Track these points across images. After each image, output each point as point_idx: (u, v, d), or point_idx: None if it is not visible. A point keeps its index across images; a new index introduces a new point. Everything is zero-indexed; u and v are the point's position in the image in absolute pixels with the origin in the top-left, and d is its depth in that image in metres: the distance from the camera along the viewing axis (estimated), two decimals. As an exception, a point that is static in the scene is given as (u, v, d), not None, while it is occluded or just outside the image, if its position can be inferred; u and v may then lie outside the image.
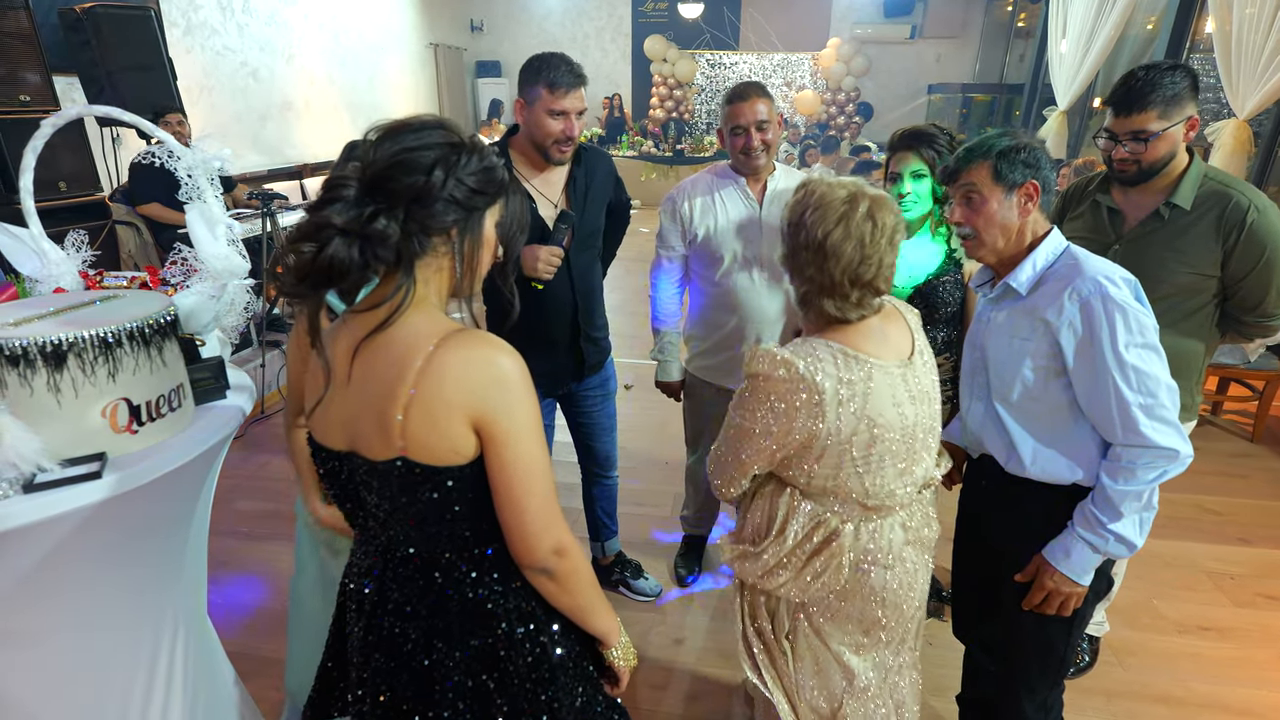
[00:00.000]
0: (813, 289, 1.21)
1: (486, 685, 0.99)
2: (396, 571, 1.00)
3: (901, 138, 1.87)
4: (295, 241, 0.85)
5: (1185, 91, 1.59)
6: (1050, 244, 1.34)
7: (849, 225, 1.14)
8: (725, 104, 2.01)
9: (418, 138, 0.87)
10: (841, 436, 1.17)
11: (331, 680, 1.17)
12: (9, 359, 1.05)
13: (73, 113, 1.32)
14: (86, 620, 1.22)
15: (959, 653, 1.73)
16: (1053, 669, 1.49)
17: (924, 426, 1.25)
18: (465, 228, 0.92)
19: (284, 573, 2.56)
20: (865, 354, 1.18)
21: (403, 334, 0.89)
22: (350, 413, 0.93)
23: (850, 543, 1.27)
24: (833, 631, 1.35)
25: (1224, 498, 3.13)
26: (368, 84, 8.56)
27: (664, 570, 2.61)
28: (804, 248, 1.19)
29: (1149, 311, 1.26)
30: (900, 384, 1.21)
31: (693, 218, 2.09)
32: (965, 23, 10.87)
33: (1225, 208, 1.62)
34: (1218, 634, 2.32)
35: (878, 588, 1.30)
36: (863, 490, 1.23)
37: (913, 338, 1.28)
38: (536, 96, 1.80)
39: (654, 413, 3.79)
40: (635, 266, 7.31)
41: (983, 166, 1.31)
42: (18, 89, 3.63)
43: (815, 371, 1.14)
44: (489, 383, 0.87)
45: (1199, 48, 5.70)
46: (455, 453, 0.89)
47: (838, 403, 1.15)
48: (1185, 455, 1.24)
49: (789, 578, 1.30)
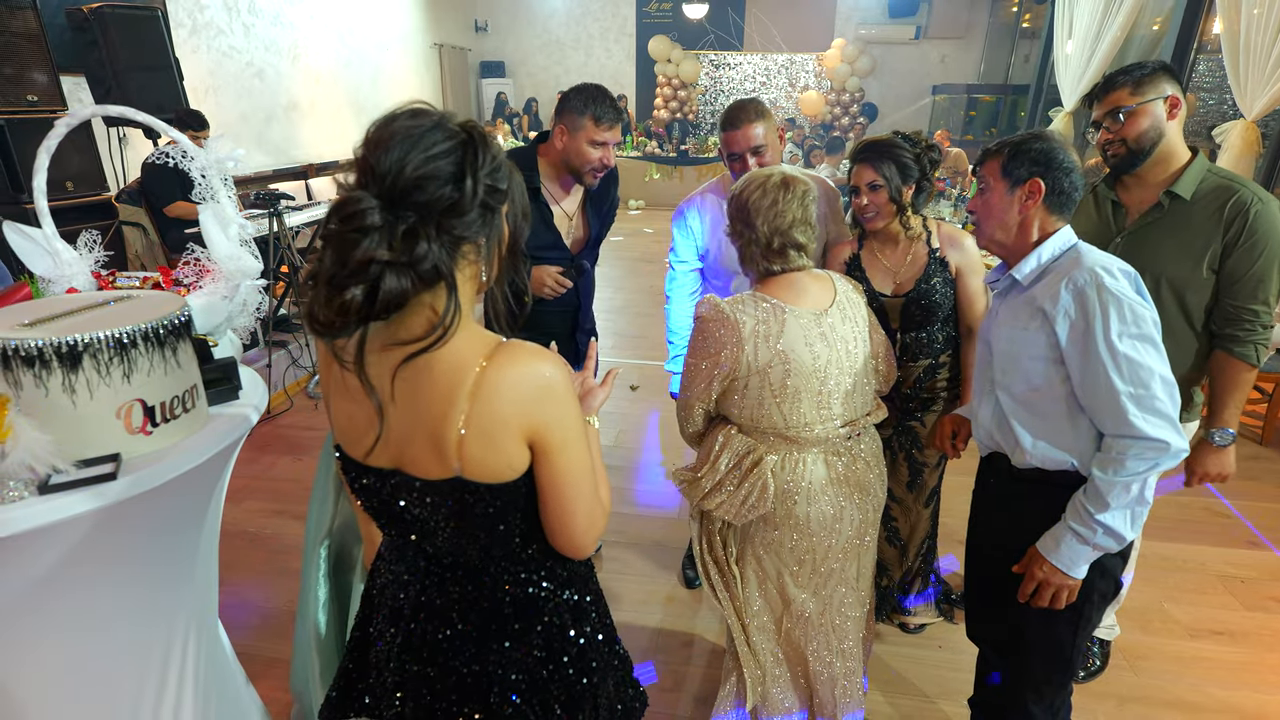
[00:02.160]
0: (745, 243, 1.50)
1: (543, 677, 0.99)
2: (442, 578, 0.99)
3: (857, 152, 1.90)
4: (340, 285, 0.78)
5: (1156, 74, 1.64)
6: (1058, 240, 1.36)
7: (765, 188, 1.47)
8: (720, 129, 2.04)
9: (429, 140, 0.81)
10: (758, 365, 1.44)
11: (351, 681, 1.16)
12: (24, 360, 1.04)
13: (87, 113, 1.31)
14: (100, 621, 1.22)
15: (970, 655, 1.73)
16: (1060, 671, 1.49)
17: (839, 367, 1.49)
18: (491, 230, 0.88)
19: (290, 573, 2.56)
20: (781, 300, 1.46)
21: (445, 351, 0.85)
22: (396, 432, 0.90)
23: (774, 470, 1.50)
24: (771, 559, 1.59)
25: (1234, 500, 3.12)
26: (372, 84, 8.57)
27: (672, 573, 2.60)
28: (735, 210, 1.51)
29: (1148, 304, 1.26)
30: (813, 327, 1.46)
31: (703, 232, 2.16)
32: (970, 23, 10.86)
33: (1228, 200, 1.62)
34: (1229, 638, 2.30)
35: (801, 519, 1.53)
36: (782, 420, 1.48)
37: (835, 295, 1.53)
38: (580, 126, 1.92)
39: (660, 414, 3.79)
40: (639, 267, 7.33)
41: (995, 160, 1.39)
42: (25, 89, 3.64)
43: (738, 313, 1.44)
44: (540, 396, 0.86)
45: (1206, 48, 5.69)
46: (511, 469, 0.88)
47: (755, 337, 1.44)
48: (1178, 448, 1.23)
49: (724, 499, 1.53)
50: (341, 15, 7.81)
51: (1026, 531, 1.40)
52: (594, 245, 2.22)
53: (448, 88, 10.66)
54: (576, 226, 2.15)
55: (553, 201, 2.07)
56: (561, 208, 2.09)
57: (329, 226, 0.81)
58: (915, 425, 2.02)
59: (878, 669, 2.16)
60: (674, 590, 2.52)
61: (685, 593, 2.50)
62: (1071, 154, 1.34)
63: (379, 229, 0.78)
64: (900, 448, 2.06)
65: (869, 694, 2.06)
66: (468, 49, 11.41)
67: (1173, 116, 1.65)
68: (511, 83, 11.95)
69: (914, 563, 2.24)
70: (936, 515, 2.23)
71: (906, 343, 1.95)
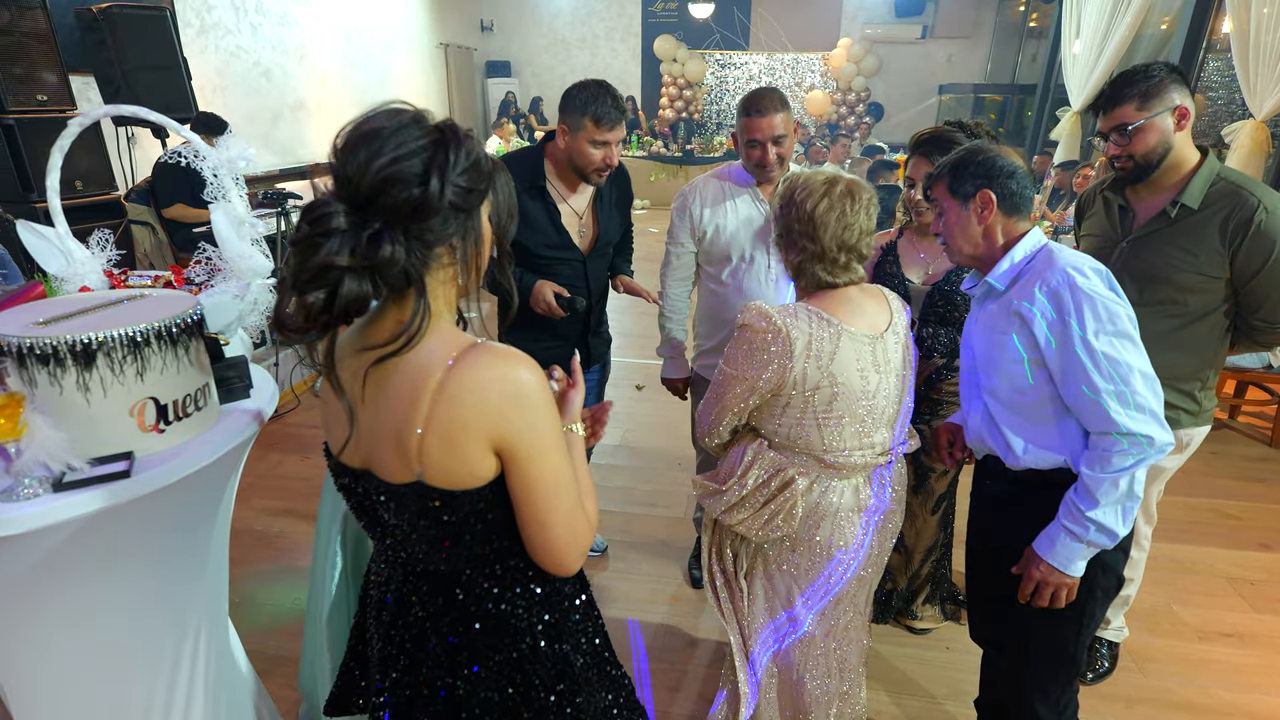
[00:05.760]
0: (806, 257, 1.40)
1: (513, 699, 0.97)
2: (417, 586, 0.98)
3: (917, 144, 1.87)
4: (301, 289, 0.78)
5: (1164, 83, 1.60)
6: (1028, 241, 1.37)
7: (831, 198, 1.36)
8: (741, 113, 1.99)
9: (396, 140, 0.78)
10: (806, 386, 1.35)
11: (353, 680, 1.17)
12: (39, 358, 1.05)
13: (100, 112, 1.32)
14: (112, 619, 1.22)
15: (976, 656, 1.72)
16: (1064, 669, 1.49)
17: (885, 396, 1.40)
18: (466, 232, 0.85)
19: (297, 571, 2.57)
20: (838, 320, 1.36)
21: (415, 352, 0.83)
22: (366, 433, 0.89)
23: (803, 493, 1.42)
24: (783, 579, 1.53)
25: (1243, 502, 3.10)
26: (379, 84, 8.58)
27: (678, 572, 2.60)
28: (796, 221, 1.39)
29: (1121, 300, 1.27)
30: (867, 352, 1.37)
31: (702, 216, 2.11)
32: (977, 23, 10.82)
33: (1233, 207, 1.60)
34: (1239, 640, 2.29)
35: (822, 543, 1.46)
36: (821, 444, 1.40)
37: (891, 317, 1.43)
38: (580, 127, 1.89)
39: (666, 414, 3.79)
40: (644, 266, 7.30)
41: (941, 183, 1.42)
42: (35, 89, 3.65)
43: (790, 326, 1.33)
44: (508, 402, 0.83)
45: (1215, 47, 5.65)
46: (473, 476, 0.85)
47: (806, 355, 1.33)
48: (1163, 442, 1.24)
49: (747, 516, 1.47)
50: (348, 15, 7.82)
51: (1024, 532, 1.41)
52: (608, 245, 2.20)
53: (453, 87, 10.66)
54: (587, 225, 2.14)
55: (560, 200, 2.06)
56: (570, 206, 2.08)
57: (299, 230, 0.80)
58: (923, 428, 2.01)
59: (884, 670, 2.16)
60: (679, 589, 2.52)
61: (691, 592, 2.50)
62: (1010, 159, 1.36)
63: (342, 233, 0.77)
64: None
65: (874, 695, 2.05)
66: (473, 48, 11.42)
67: (1181, 128, 1.63)
68: (516, 82, 11.95)
69: (921, 569, 2.23)
70: (948, 524, 2.20)
71: (923, 336, 1.94)
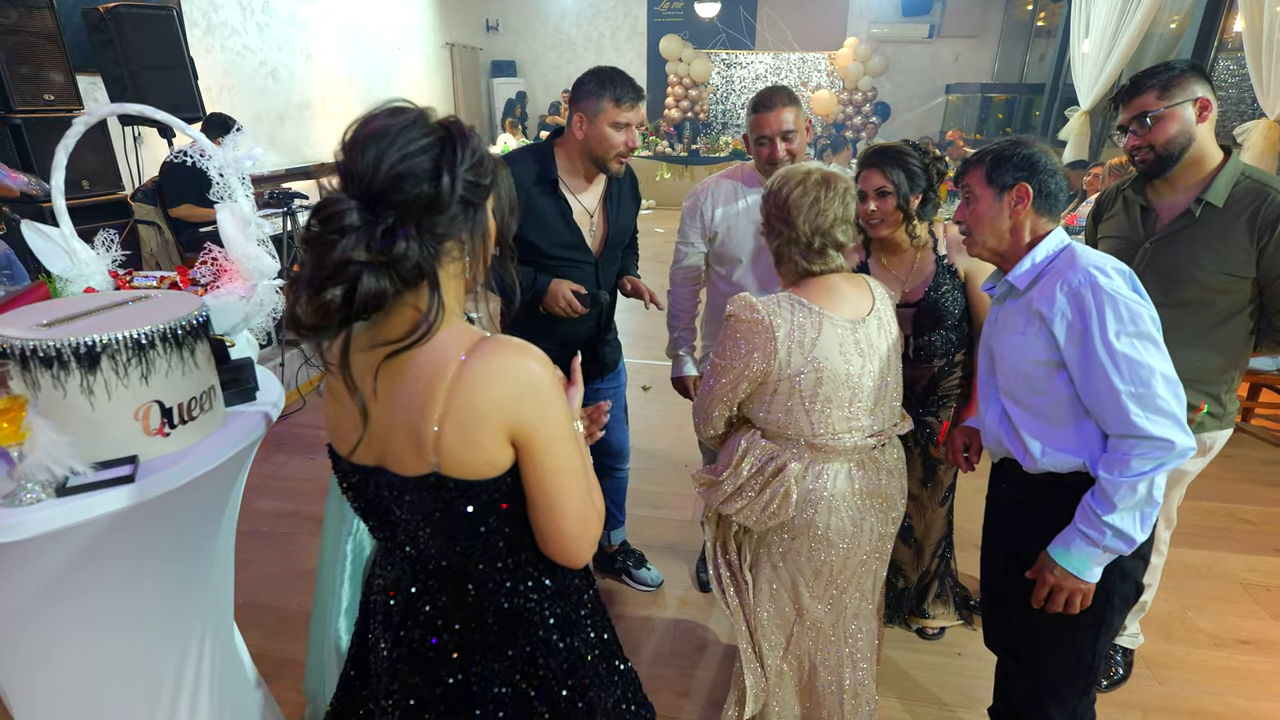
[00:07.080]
0: (783, 242, 1.46)
1: (527, 694, 0.97)
2: (427, 584, 0.97)
3: (867, 156, 1.86)
4: (318, 286, 0.78)
5: (1185, 75, 1.60)
6: (1050, 241, 1.35)
7: (806, 185, 1.43)
8: (750, 111, 1.99)
9: (405, 138, 0.80)
10: (790, 371, 1.41)
11: (354, 688, 1.15)
12: (42, 361, 1.04)
13: (105, 110, 1.31)
14: (117, 622, 1.21)
15: (989, 663, 1.70)
16: (1081, 676, 1.47)
17: (871, 378, 1.45)
18: (474, 226, 0.87)
19: (302, 574, 2.56)
20: (819, 306, 1.41)
21: (427, 347, 0.85)
22: (378, 429, 0.89)
23: (797, 478, 1.47)
24: (787, 568, 1.56)
25: (1258, 507, 3.07)
26: (385, 84, 8.59)
27: (685, 575, 2.58)
28: (774, 208, 1.46)
29: (1145, 301, 1.25)
30: (849, 337, 1.42)
31: (714, 217, 2.11)
32: (984, 22, 10.77)
33: (1260, 204, 1.58)
34: (1255, 647, 2.26)
35: (821, 529, 1.49)
36: (810, 428, 1.45)
37: (874, 303, 1.48)
38: (600, 110, 1.84)
39: (673, 415, 3.77)
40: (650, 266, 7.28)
41: (978, 169, 1.39)
42: (42, 88, 3.66)
43: (773, 315, 1.40)
44: (522, 392, 0.84)
45: (1227, 46, 5.60)
46: (490, 465, 0.87)
47: (789, 342, 1.39)
48: (1183, 447, 1.21)
49: (745, 504, 1.51)
50: (354, 15, 7.82)
51: (1039, 536, 1.39)
52: (617, 245, 2.14)
53: (459, 87, 10.66)
54: (598, 224, 2.09)
55: (572, 197, 2.00)
56: (581, 203, 2.02)
57: (309, 229, 0.81)
58: (930, 420, 2.01)
59: (896, 677, 2.13)
60: (687, 592, 2.50)
61: (698, 595, 2.48)
62: (1053, 158, 1.35)
63: (356, 229, 0.78)
64: (915, 443, 2.04)
65: (885, 702, 2.03)
66: (479, 48, 11.42)
67: (1203, 119, 1.61)
68: (522, 82, 11.94)
69: (931, 563, 2.22)
70: (951, 515, 2.21)
71: (919, 346, 1.93)
